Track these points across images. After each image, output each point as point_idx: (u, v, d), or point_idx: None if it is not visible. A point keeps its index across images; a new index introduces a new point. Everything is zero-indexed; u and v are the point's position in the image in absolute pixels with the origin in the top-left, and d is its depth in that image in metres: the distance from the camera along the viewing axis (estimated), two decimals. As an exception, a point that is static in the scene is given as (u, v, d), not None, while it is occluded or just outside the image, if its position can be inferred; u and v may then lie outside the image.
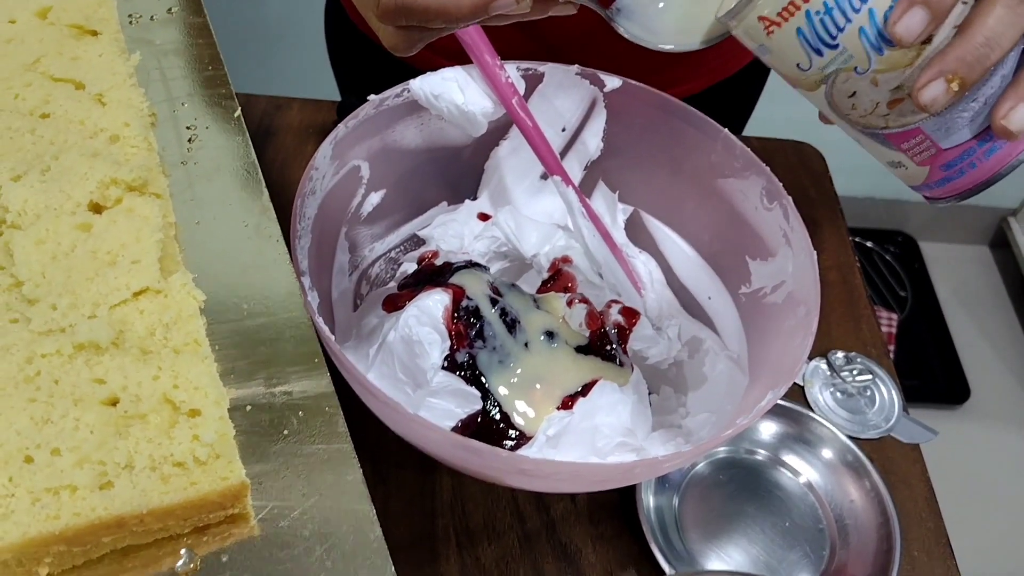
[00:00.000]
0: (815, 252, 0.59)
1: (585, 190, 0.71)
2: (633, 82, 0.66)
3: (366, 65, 0.89)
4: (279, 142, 0.81)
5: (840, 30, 0.43)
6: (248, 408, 0.45)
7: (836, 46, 0.44)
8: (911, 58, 0.43)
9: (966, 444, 1.80)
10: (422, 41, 0.48)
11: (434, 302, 0.56)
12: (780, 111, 1.01)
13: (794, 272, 0.60)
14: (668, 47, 0.49)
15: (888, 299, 2.02)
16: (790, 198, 0.61)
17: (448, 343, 0.56)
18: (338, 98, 0.89)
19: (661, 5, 0.50)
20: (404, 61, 0.83)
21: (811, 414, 0.67)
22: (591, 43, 0.76)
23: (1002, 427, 1.85)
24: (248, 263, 0.51)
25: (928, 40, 0.43)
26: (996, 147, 0.46)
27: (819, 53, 0.44)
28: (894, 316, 1.94)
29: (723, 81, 0.85)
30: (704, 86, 0.83)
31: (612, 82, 0.66)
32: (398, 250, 0.69)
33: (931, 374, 1.90)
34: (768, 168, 0.63)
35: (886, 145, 0.48)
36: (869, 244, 2.07)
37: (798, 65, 0.46)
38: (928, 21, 0.41)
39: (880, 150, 0.48)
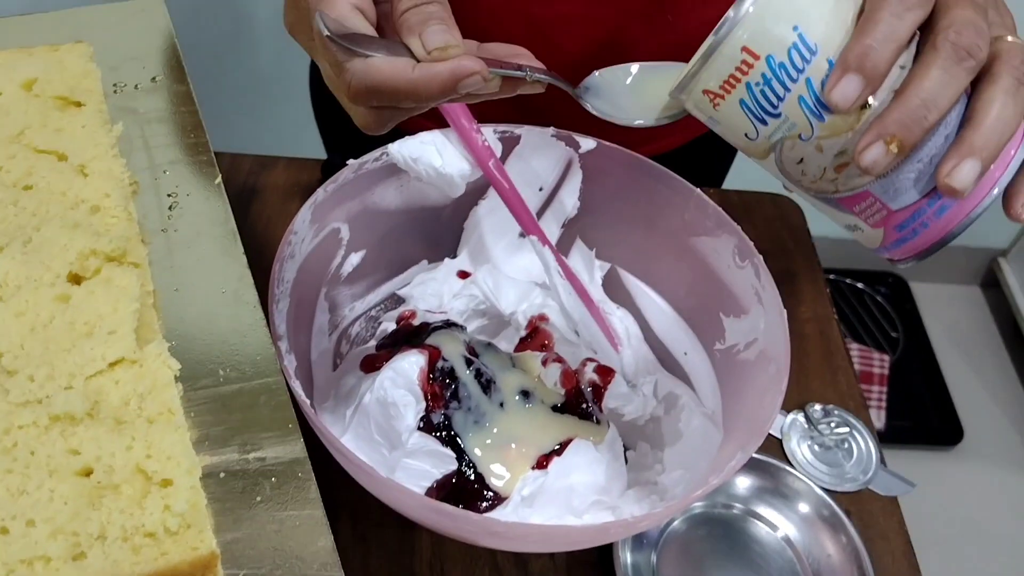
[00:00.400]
0: (785, 311, 0.60)
1: (563, 248, 0.72)
2: (607, 143, 0.67)
3: (350, 123, 0.91)
4: (264, 201, 0.83)
5: (780, 100, 0.45)
6: (222, 475, 0.46)
7: (779, 115, 0.45)
8: (851, 123, 0.45)
9: (960, 486, 1.80)
10: (393, 120, 0.50)
11: (409, 364, 0.57)
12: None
13: (765, 330, 0.61)
14: (635, 123, 0.51)
15: (880, 340, 2.02)
16: (761, 256, 0.62)
17: (423, 404, 0.57)
18: (324, 155, 0.91)
19: (628, 81, 0.51)
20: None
21: (787, 468, 0.68)
22: (567, 105, 0.78)
23: (996, 468, 1.85)
24: (226, 329, 0.52)
25: (866, 105, 0.44)
26: (946, 206, 0.47)
27: (763, 122, 0.46)
28: (886, 357, 1.95)
29: (699, 137, 0.87)
30: (680, 143, 0.85)
31: (587, 143, 0.68)
32: (378, 309, 0.70)
33: (924, 415, 1.90)
34: (739, 227, 0.64)
35: (839, 209, 0.49)
36: (860, 285, 2.09)
37: (746, 135, 0.47)
38: (863, 87, 0.43)
39: (836, 214, 0.50)
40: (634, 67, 0.53)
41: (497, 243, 0.71)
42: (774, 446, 0.72)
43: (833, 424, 0.73)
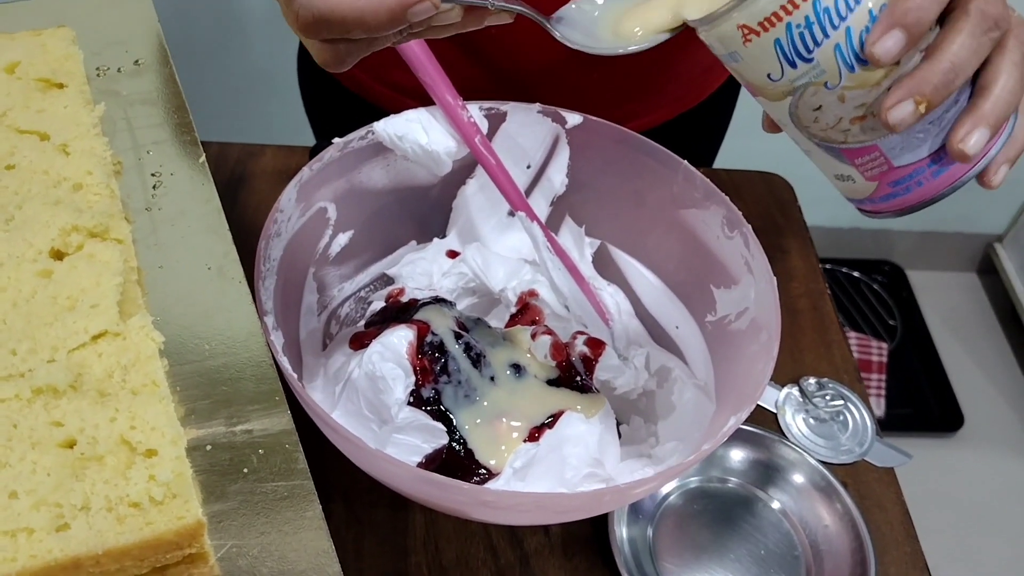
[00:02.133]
0: (775, 278, 0.59)
1: (552, 225, 0.72)
2: (593, 118, 0.67)
3: (339, 109, 0.91)
4: (252, 188, 0.83)
5: (817, 45, 0.44)
6: (208, 448, 0.46)
7: (811, 60, 0.45)
8: (879, 77, 0.45)
9: (961, 472, 1.80)
10: (350, 56, 0.48)
11: (398, 338, 0.57)
12: (752, 145, 1.03)
13: (756, 298, 0.61)
14: (613, 51, 0.50)
15: (878, 329, 2.02)
16: (749, 226, 0.62)
17: (413, 379, 0.56)
18: (312, 143, 0.90)
19: (596, 14, 0.51)
20: (374, 103, 0.85)
21: (782, 440, 0.68)
22: (552, 80, 0.78)
23: (997, 454, 1.85)
24: (211, 305, 0.52)
25: (897, 62, 0.44)
26: (944, 168, 0.48)
27: (793, 65, 0.45)
28: (884, 345, 1.94)
29: (685, 113, 0.87)
30: (665, 118, 0.85)
31: (573, 119, 0.67)
32: (367, 289, 0.69)
33: (924, 402, 1.90)
34: (727, 197, 0.64)
35: (839, 159, 0.49)
36: (856, 274, 2.08)
37: (768, 75, 0.46)
38: (905, 43, 0.43)
39: (831, 163, 0.49)
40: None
41: (486, 222, 0.71)
42: (769, 421, 0.71)
43: (828, 397, 0.72)
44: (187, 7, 1.47)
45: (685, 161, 0.66)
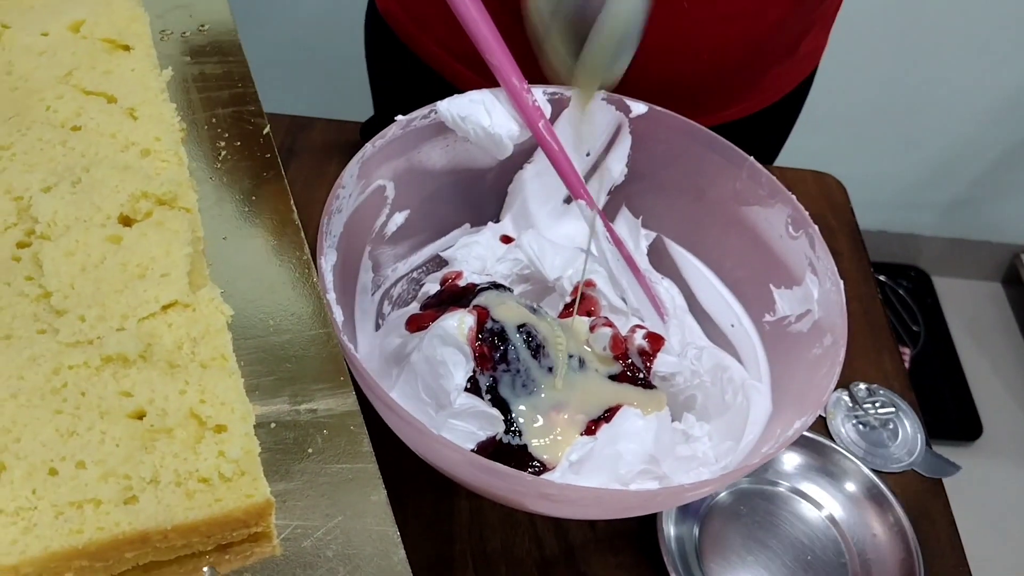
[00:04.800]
0: (841, 281, 0.58)
1: (608, 215, 0.71)
2: (659, 108, 0.66)
3: (405, 82, 0.89)
4: (301, 161, 0.82)
5: None
6: (273, 425, 0.45)
7: None
8: None
9: (979, 482, 1.79)
10: None
11: (459, 323, 0.56)
12: (803, 142, 1.01)
13: (820, 300, 0.60)
14: None
15: (901, 334, 2.00)
16: (816, 227, 0.61)
17: (472, 364, 0.55)
18: (360, 118, 0.89)
19: None
20: (441, 75, 0.83)
21: (834, 446, 0.67)
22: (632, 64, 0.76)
23: (1015, 465, 1.84)
24: (274, 279, 0.51)
25: None
26: None
27: None
28: (906, 351, 1.93)
29: (757, 112, 0.85)
30: (739, 115, 0.83)
31: (638, 108, 0.66)
32: (420, 271, 0.68)
33: (944, 411, 1.89)
34: (794, 196, 0.62)
35: None
36: (882, 278, 2.07)
37: None
38: None
39: None
40: None
41: (541, 208, 0.70)
42: (819, 425, 0.70)
43: (878, 404, 0.71)
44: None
45: (751, 157, 0.64)
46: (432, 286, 0.65)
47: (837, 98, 1.69)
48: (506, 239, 0.69)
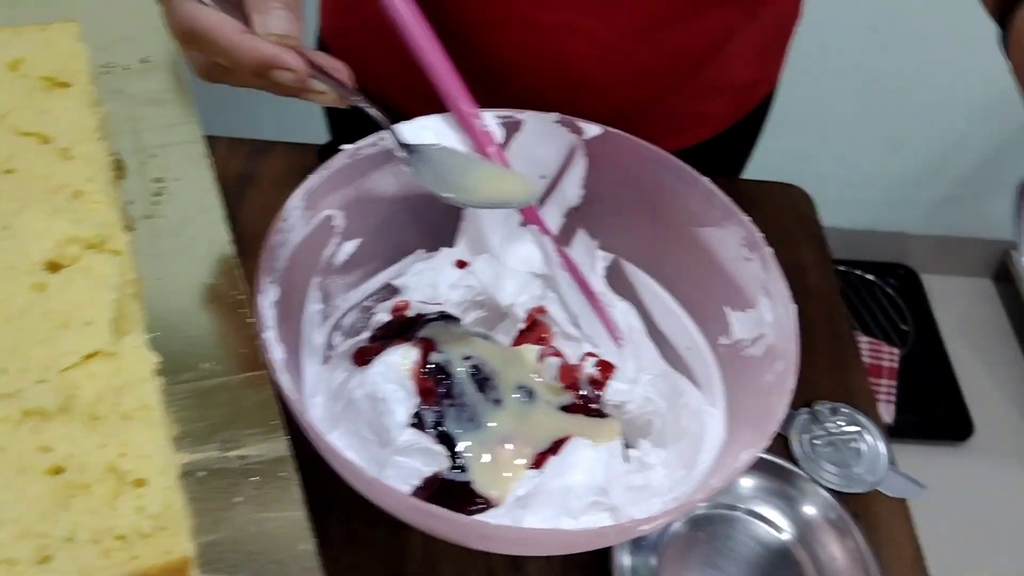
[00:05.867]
0: (794, 305, 0.57)
1: (565, 237, 0.70)
2: (613, 130, 0.65)
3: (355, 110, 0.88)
4: (260, 187, 0.81)
5: None
6: (202, 474, 0.44)
7: None
8: None
9: (970, 482, 1.78)
10: (222, 79, 0.51)
11: (402, 357, 0.55)
12: (785, 143, 1.00)
13: (773, 324, 0.59)
14: (454, 201, 0.56)
15: (890, 333, 2.00)
16: (770, 249, 0.60)
17: (415, 400, 0.55)
18: (321, 140, 0.88)
19: (452, 163, 0.57)
20: (391, 107, 0.82)
21: (794, 468, 0.66)
22: (575, 95, 0.76)
23: (1006, 465, 1.83)
24: (211, 320, 0.51)
25: None
26: None
27: None
28: (896, 351, 1.92)
29: (723, 132, 0.84)
30: (693, 142, 0.83)
31: (592, 130, 0.65)
32: (372, 299, 0.68)
33: (934, 410, 1.88)
34: (748, 218, 0.62)
35: None
36: (870, 277, 2.06)
37: None
38: None
39: None
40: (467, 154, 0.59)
41: (496, 232, 0.69)
42: (779, 445, 0.70)
43: (841, 423, 0.71)
44: None
45: (705, 178, 0.63)
46: (384, 315, 0.65)
47: (820, 97, 1.68)
48: (461, 264, 0.68)
